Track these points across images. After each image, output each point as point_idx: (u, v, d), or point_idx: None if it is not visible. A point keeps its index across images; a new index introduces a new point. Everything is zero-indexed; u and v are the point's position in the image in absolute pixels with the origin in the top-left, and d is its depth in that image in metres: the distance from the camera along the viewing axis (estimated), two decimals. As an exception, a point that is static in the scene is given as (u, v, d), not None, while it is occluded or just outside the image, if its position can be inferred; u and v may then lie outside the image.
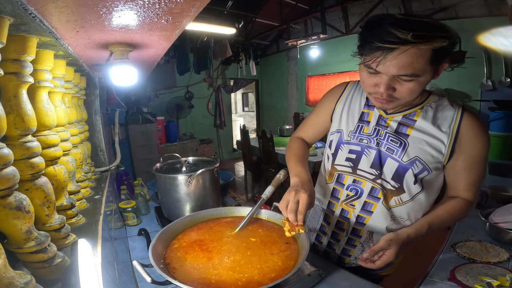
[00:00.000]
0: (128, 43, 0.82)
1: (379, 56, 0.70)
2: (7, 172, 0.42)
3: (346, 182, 0.94)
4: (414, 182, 0.84)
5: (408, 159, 0.83)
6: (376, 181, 0.88)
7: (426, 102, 0.85)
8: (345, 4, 4.15)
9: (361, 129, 0.91)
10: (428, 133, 0.82)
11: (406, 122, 0.85)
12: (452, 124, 0.81)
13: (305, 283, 0.82)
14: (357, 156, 0.90)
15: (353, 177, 0.92)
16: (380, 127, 0.88)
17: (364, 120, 0.92)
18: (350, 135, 0.93)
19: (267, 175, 3.36)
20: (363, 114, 0.92)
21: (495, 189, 1.41)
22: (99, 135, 1.45)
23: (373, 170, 0.88)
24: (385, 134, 0.87)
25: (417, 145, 0.83)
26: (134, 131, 4.04)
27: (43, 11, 0.46)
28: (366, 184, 0.90)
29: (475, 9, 3.03)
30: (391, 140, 0.86)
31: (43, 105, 0.64)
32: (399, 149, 0.84)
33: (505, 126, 2.35)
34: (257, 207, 0.99)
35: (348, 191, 0.94)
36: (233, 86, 6.24)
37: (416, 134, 0.83)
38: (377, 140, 0.88)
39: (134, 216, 1.34)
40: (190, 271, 0.73)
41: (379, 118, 0.89)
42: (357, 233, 0.96)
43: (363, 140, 0.89)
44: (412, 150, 0.83)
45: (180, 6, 0.52)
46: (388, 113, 0.88)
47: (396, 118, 0.87)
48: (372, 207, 0.90)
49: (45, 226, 0.57)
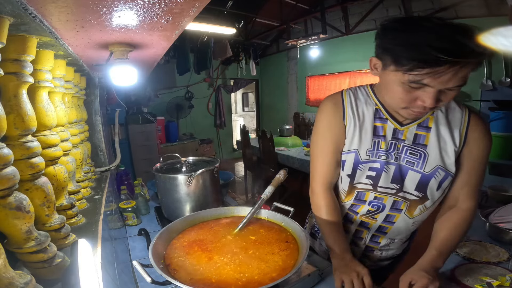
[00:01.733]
0: (128, 43, 0.82)
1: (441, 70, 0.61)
2: (7, 172, 0.42)
3: (367, 198, 0.89)
4: (437, 189, 0.82)
5: (430, 169, 0.81)
6: (398, 194, 0.85)
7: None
8: (345, 4, 4.15)
9: (378, 145, 0.84)
10: (444, 139, 0.81)
11: (421, 131, 0.82)
12: (461, 128, 0.80)
13: (305, 283, 0.82)
14: (376, 173, 0.85)
15: (374, 194, 0.88)
16: (396, 141, 0.83)
17: (379, 135, 0.84)
18: (368, 153, 0.84)
19: (267, 175, 3.36)
20: (376, 129, 0.85)
21: (495, 189, 1.41)
22: (99, 135, 1.45)
23: (393, 185, 0.85)
24: (402, 147, 0.83)
25: (436, 154, 0.81)
26: (134, 131, 4.04)
27: (43, 11, 0.46)
28: (388, 199, 0.87)
29: (475, 9, 3.03)
30: (410, 153, 0.82)
31: (43, 105, 0.64)
32: (420, 161, 0.81)
33: (505, 126, 2.35)
34: (257, 207, 0.99)
35: (369, 206, 0.90)
36: (233, 86, 6.24)
37: (434, 142, 0.81)
38: (395, 155, 0.83)
39: (134, 216, 1.34)
40: (190, 271, 0.73)
41: (394, 131, 0.83)
42: (376, 240, 0.95)
43: (382, 156, 0.84)
44: (433, 159, 0.81)
45: (180, 6, 0.52)
46: (403, 124, 0.83)
47: (411, 129, 0.82)
48: (395, 218, 0.89)
49: (45, 226, 0.57)
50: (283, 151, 3.42)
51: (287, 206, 1.02)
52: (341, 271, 0.80)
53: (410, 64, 0.64)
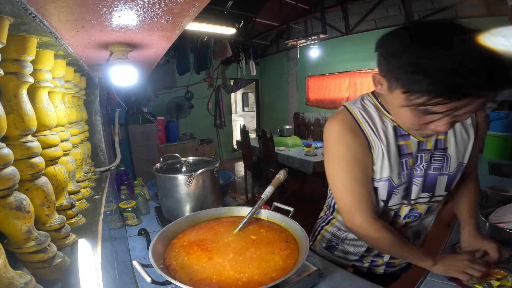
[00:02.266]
0: (128, 43, 0.82)
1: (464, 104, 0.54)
2: (7, 172, 0.42)
3: (402, 213, 0.88)
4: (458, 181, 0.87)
5: (454, 169, 0.83)
6: (431, 201, 0.87)
7: None
8: (345, 4, 4.15)
9: (406, 164, 0.80)
10: (461, 137, 0.82)
11: (440, 135, 0.81)
12: (472, 116, 0.83)
13: (305, 283, 0.82)
14: (406, 192, 0.84)
15: (408, 207, 0.87)
16: (423, 153, 0.81)
17: (405, 154, 0.80)
18: (400, 176, 0.80)
19: (267, 175, 3.36)
20: (400, 148, 0.79)
21: (495, 189, 1.41)
22: (99, 135, 1.45)
23: (425, 194, 0.85)
24: (429, 157, 0.81)
25: (457, 153, 0.82)
26: (134, 131, 4.03)
27: (43, 11, 0.46)
28: (423, 207, 0.88)
29: (475, 9, 3.03)
30: (434, 160, 0.82)
31: (43, 105, 0.64)
32: (444, 164, 0.82)
33: (505, 126, 2.34)
34: (257, 207, 0.99)
35: (406, 219, 0.89)
36: (233, 86, 6.24)
37: (453, 143, 0.81)
38: (423, 167, 0.82)
39: (134, 216, 1.34)
40: (190, 271, 0.73)
41: (418, 144, 0.80)
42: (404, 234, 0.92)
43: (411, 173, 0.82)
44: (455, 159, 0.82)
45: (180, 6, 0.52)
46: (425, 136, 0.80)
47: (432, 137, 0.81)
48: (428, 218, 0.95)
49: (45, 226, 0.57)
50: (283, 151, 3.42)
51: (287, 206, 1.02)
52: (454, 269, 0.78)
53: (424, 95, 0.54)
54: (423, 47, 0.53)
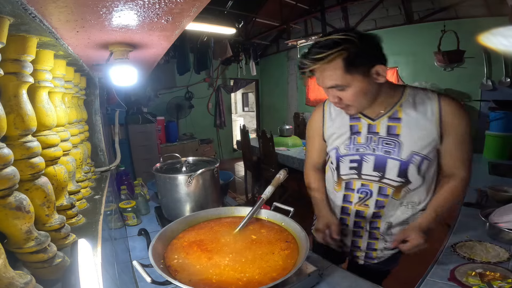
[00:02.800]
0: (128, 43, 0.82)
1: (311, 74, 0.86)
2: (7, 172, 0.42)
3: (355, 187, 1.01)
4: (418, 173, 0.91)
5: (406, 156, 0.90)
6: (382, 181, 0.95)
7: (402, 98, 0.91)
8: (345, 4, 4.15)
9: (353, 140, 0.97)
10: (416, 125, 0.89)
11: (393, 122, 0.91)
12: (434, 110, 0.87)
13: (305, 283, 0.82)
14: (358, 164, 0.97)
15: (360, 181, 0.99)
16: (372, 135, 0.95)
17: (355, 131, 0.98)
18: (346, 148, 0.99)
19: (267, 175, 3.36)
20: (352, 127, 0.98)
21: (495, 189, 1.41)
22: (99, 135, 1.45)
23: (376, 173, 0.95)
24: (378, 139, 0.93)
25: (410, 141, 0.89)
26: (134, 131, 4.03)
27: (43, 11, 0.46)
28: (374, 185, 0.97)
29: (475, 9, 3.03)
30: (385, 143, 0.92)
31: (43, 105, 0.64)
32: (395, 149, 0.91)
33: (505, 126, 2.34)
34: (257, 207, 0.99)
35: (359, 194, 1.00)
36: (233, 86, 6.23)
37: (407, 130, 0.90)
38: (372, 147, 0.94)
39: (134, 216, 1.34)
40: (191, 271, 0.73)
41: (369, 127, 0.95)
42: (375, 226, 1.02)
43: (359, 149, 0.96)
44: (407, 147, 0.89)
45: (180, 6, 0.52)
46: (374, 119, 0.94)
47: (383, 122, 0.93)
48: (384, 203, 0.98)
49: (45, 226, 0.57)
50: (283, 151, 3.42)
51: (287, 206, 1.02)
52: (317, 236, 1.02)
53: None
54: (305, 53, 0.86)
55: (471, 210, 1.29)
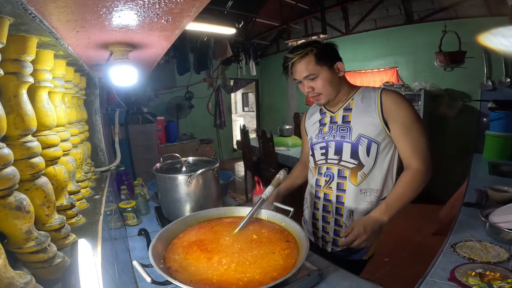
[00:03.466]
0: (128, 43, 0.82)
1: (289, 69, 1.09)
2: (7, 172, 0.42)
3: (323, 171, 1.16)
4: (368, 155, 1.05)
5: (355, 138, 1.06)
6: (340, 163, 1.10)
7: (355, 94, 1.11)
8: (345, 4, 4.14)
9: (321, 130, 1.17)
10: (362, 113, 1.06)
11: (346, 112, 1.11)
12: (376, 101, 1.05)
13: (305, 283, 0.82)
14: (325, 150, 1.15)
15: (326, 165, 1.15)
16: (332, 124, 1.14)
17: (322, 123, 1.18)
18: (316, 137, 1.18)
19: (267, 175, 3.36)
20: (320, 120, 1.20)
21: (495, 189, 1.41)
22: (99, 135, 1.45)
23: (336, 156, 1.11)
24: (337, 127, 1.12)
25: (358, 125, 1.07)
26: (134, 131, 4.03)
27: (43, 11, 0.46)
28: (334, 168, 1.12)
29: (475, 9, 3.03)
30: (341, 129, 1.11)
31: (43, 105, 0.64)
32: (347, 133, 1.08)
33: (505, 126, 2.34)
34: (257, 207, 0.99)
35: (325, 177, 1.15)
36: (233, 86, 6.23)
37: (355, 117, 1.08)
38: (333, 134, 1.13)
39: (134, 216, 1.34)
40: (191, 271, 0.73)
41: (331, 118, 1.16)
42: (339, 212, 1.12)
43: (325, 137, 1.15)
44: (355, 130, 1.07)
45: (180, 6, 0.52)
46: (334, 112, 1.15)
47: (340, 113, 1.13)
48: (344, 186, 1.10)
49: (45, 226, 0.57)
50: (283, 151, 3.42)
51: (287, 206, 1.02)
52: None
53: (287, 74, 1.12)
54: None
55: (471, 210, 1.29)
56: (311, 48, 1.02)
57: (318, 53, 1.03)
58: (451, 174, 2.95)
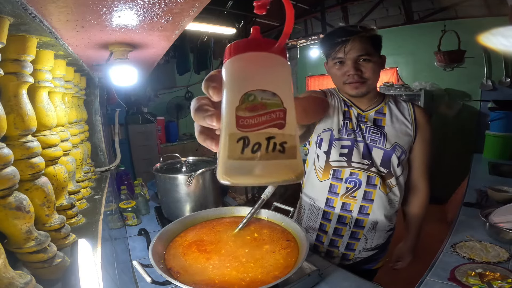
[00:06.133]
0: (128, 43, 0.81)
1: (341, 47, 0.94)
2: (7, 172, 0.42)
3: (343, 176, 1.01)
4: (398, 165, 0.99)
5: (390, 146, 0.98)
6: (370, 169, 0.99)
7: (386, 99, 1.06)
8: (345, 4, 4.14)
9: (347, 125, 1.02)
10: (398, 122, 1.01)
11: (379, 116, 1.02)
12: (410, 113, 1.02)
13: (305, 283, 0.82)
14: (349, 150, 1.00)
15: (349, 170, 1.00)
16: (361, 123, 1.02)
17: (347, 117, 1.03)
18: (339, 132, 1.02)
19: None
20: (345, 113, 1.04)
21: (495, 189, 1.41)
22: (99, 135, 1.45)
23: (365, 161, 0.99)
24: (366, 128, 1.01)
25: (393, 133, 0.99)
26: (134, 131, 4.03)
27: (43, 11, 0.46)
28: (363, 174, 0.99)
29: (475, 9, 3.02)
30: (372, 132, 1.00)
31: (43, 105, 0.64)
32: (381, 139, 0.99)
33: (505, 126, 2.34)
34: (257, 207, 0.99)
35: (347, 184, 1.00)
36: (233, 86, 6.23)
37: (389, 124, 1.01)
38: (361, 134, 1.00)
39: (134, 216, 1.34)
40: (191, 272, 0.73)
41: (358, 115, 1.03)
42: (360, 224, 1.02)
43: (351, 135, 1.00)
44: (391, 138, 0.99)
45: (180, 6, 0.52)
46: (364, 110, 1.04)
47: (371, 114, 1.03)
48: (372, 195, 1.00)
49: (45, 226, 0.57)
50: (283, 151, 3.42)
51: (287, 206, 1.02)
52: None
53: (328, 50, 0.98)
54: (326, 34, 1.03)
55: (471, 210, 1.29)
56: (373, 28, 0.95)
57: (374, 38, 0.96)
58: (451, 174, 2.95)
